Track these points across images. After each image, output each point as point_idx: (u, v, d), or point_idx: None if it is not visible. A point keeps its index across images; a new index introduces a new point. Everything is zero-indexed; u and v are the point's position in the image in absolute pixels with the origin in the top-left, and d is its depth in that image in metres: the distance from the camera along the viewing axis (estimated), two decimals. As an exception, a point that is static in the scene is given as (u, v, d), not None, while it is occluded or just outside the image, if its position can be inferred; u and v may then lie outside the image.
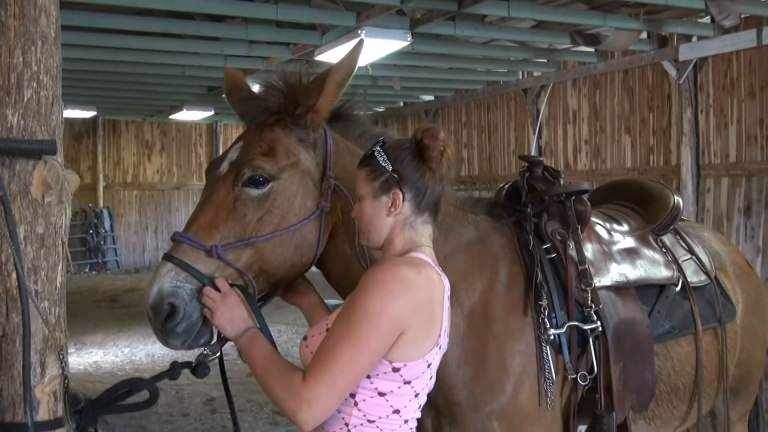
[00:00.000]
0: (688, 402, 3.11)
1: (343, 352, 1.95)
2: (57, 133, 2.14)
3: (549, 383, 2.56)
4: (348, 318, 1.99)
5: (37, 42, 2.09)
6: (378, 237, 2.16)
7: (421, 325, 2.02)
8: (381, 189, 2.12)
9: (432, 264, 2.12)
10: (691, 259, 3.25)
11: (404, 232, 2.14)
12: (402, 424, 2.08)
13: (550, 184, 2.80)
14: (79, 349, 9.92)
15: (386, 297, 1.97)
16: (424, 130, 2.15)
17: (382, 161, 2.13)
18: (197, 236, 2.32)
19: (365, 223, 2.16)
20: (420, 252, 2.13)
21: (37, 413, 2.06)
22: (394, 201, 2.11)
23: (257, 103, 2.52)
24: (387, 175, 2.12)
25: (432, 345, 2.06)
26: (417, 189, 2.13)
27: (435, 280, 2.08)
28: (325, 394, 1.95)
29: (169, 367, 2.36)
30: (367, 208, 2.15)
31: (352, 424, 2.04)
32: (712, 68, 10.05)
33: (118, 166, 20.06)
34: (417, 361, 2.03)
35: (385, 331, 1.96)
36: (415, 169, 2.13)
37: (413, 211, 2.14)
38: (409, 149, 2.15)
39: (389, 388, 2.03)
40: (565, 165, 12.51)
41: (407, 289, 1.99)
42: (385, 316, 1.95)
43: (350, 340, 1.95)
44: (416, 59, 11.14)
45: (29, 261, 2.08)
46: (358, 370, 1.97)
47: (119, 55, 10.22)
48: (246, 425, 6.71)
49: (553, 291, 2.65)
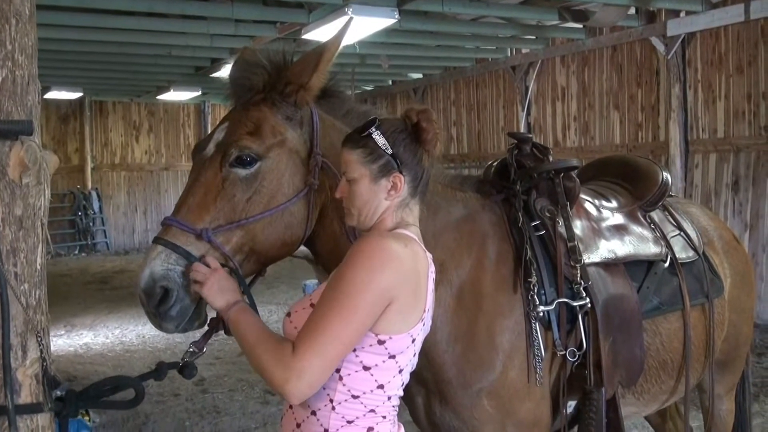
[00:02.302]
0: (676, 377, 3.12)
1: (331, 323, 1.94)
2: (34, 113, 2.09)
3: (538, 360, 2.56)
4: (335, 290, 1.98)
5: (11, 20, 2.04)
6: (371, 219, 2.14)
7: (407, 297, 2.02)
8: (381, 172, 2.10)
9: (417, 241, 2.12)
10: (680, 235, 3.25)
11: (396, 212, 2.14)
12: (386, 401, 2.07)
13: (538, 161, 2.79)
14: (69, 331, 9.91)
15: (373, 268, 1.96)
16: (419, 112, 2.13)
17: (381, 144, 2.10)
18: (187, 219, 2.30)
19: (359, 205, 2.13)
20: (406, 230, 2.12)
21: (19, 396, 2.03)
22: (395, 184, 2.10)
23: (242, 82, 2.49)
24: (387, 158, 2.10)
25: (417, 320, 2.06)
26: (415, 172, 2.13)
27: (420, 254, 2.08)
28: (314, 365, 1.93)
29: (155, 368, 2.33)
30: (363, 191, 2.11)
31: (336, 400, 2.03)
32: (700, 43, 10.03)
33: (105, 148, 19.93)
34: (402, 335, 2.03)
35: (372, 301, 1.95)
36: (413, 153, 2.12)
37: (410, 194, 2.14)
38: (407, 132, 2.13)
39: (374, 362, 2.02)
40: (554, 142, 12.51)
41: (394, 261, 1.98)
42: (373, 286, 1.95)
43: (338, 311, 1.94)
44: (404, 37, 11.08)
45: (8, 243, 2.04)
46: (347, 341, 1.96)
47: (105, 35, 10.11)
48: (237, 404, 6.73)
49: (542, 268, 2.64)
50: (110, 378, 2.21)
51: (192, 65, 13.59)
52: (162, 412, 6.47)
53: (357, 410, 2.03)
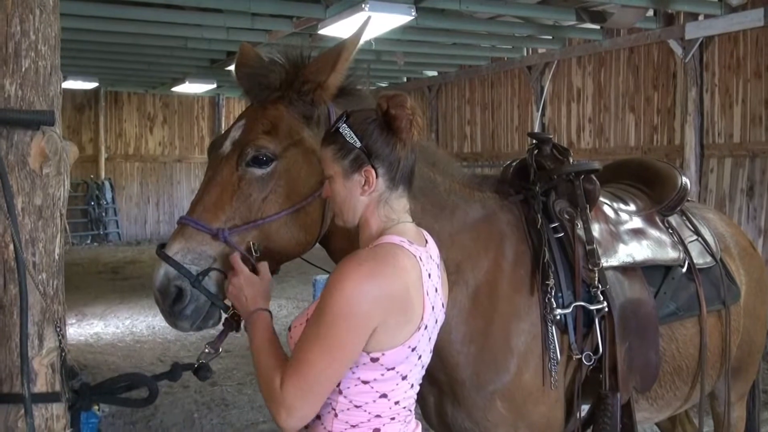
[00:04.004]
0: (690, 383, 3.10)
1: (317, 357, 1.89)
2: (55, 103, 2.10)
3: (553, 363, 2.55)
4: (319, 321, 1.91)
5: (35, 11, 2.04)
6: (353, 217, 2.07)
7: (395, 317, 1.93)
8: (351, 167, 2.01)
9: (405, 245, 2.00)
10: (697, 241, 3.23)
11: (378, 210, 2.05)
12: (392, 406, 2.01)
13: (559, 163, 2.77)
14: (80, 320, 9.95)
15: (354, 298, 1.88)
16: (389, 98, 2.02)
17: (348, 137, 2.01)
18: (202, 218, 2.29)
19: (339, 203, 2.07)
20: (393, 233, 2.03)
21: (34, 385, 2.04)
22: (367, 178, 2.00)
23: (259, 79, 2.47)
24: (356, 151, 2.00)
25: (412, 330, 1.98)
26: (390, 163, 2.02)
27: (407, 266, 1.96)
28: (303, 402, 1.90)
29: (170, 368, 2.33)
30: (339, 189, 2.04)
31: (338, 409, 1.99)
32: (719, 47, 9.96)
33: (119, 138, 20.00)
34: (396, 348, 1.96)
35: (356, 333, 1.89)
36: (385, 143, 2.01)
37: (387, 187, 2.03)
38: (376, 121, 2.03)
39: (372, 377, 1.97)
40: (569, 143, 12.44)
41: (375, 287, 1.90)
42: (354, 317, 1.87)
43: (322, 345, 1.89)
44: (420, 34, 11.04)
45: (27, 233, 2.05)
46: (334, 374, 1.92)
47: (122, 26, 10.13)
48: (245, 398, 6.74)
49: (560, 270, 2.63)
50: (125, 375, 2.21)
51: (207, 58, 13.62)
52: (171, 403, 6.50)
53: (360, 416, 1.99)
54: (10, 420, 2.06)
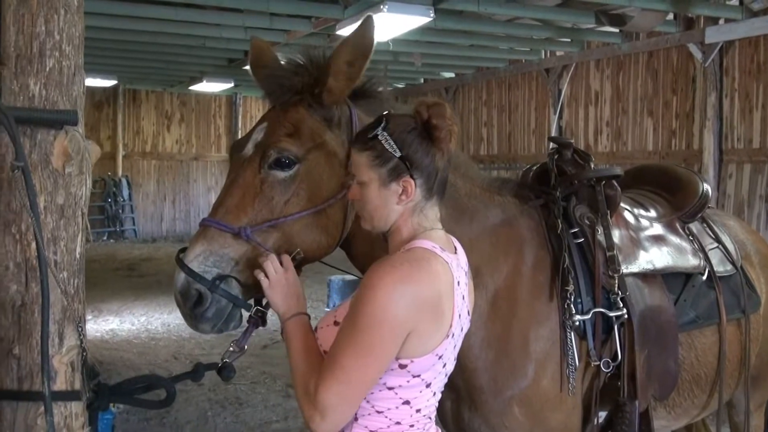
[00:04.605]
0: (708, 392, 3.08)
1: (351, 362, 1.88)
2: (78, 103, 2.11)
3: (572, 369, 2.53)
4: (353, 326, 1.90)
5: (60, 11, 2.06)
6: (384, 224, 2.05)
7: (426, 324, 1.93)
8: (390, 176, 1.98)
9: (437, 251, 1.99)
10: (718, 248, 3.20)
11: (412, 218, 2.03)
12: (413, 413, 2.00)
13: (580, 168, 2.75)
14: (95, 317, 10.00)
15: (388, 302, 1.86)
16: (430, 107, 1.99)
17: (387, 146, 1.97)
18: (225, 220, 2.28)
19: (369, 210, 2.05)
20: (425, 238, 2.01)
21: (54, 383, 2.06)
22: (406, 189, 1.98)
23: (281, 82, 2.45)
24: (395, 161, 1.97)
25: (441, 338, 1.97)
26: (428, 174, 1.99)
27: (439, 272, 1.95)
28: (337, 407, 1.89)
29: (193, 368, 2.34)
30: (373, 196, 2.02)
31: (359, 413, 1.98)
32: (739, 52, 9.89)
33: (137, 136, 20.12)
34: (425, 356, 1.95)
35: (390, 338, 1.88)
36: (425, 153, 1.98)
37: (423, 196, 2.01)
38: (416, 130, 2.00)
39: (398, 383, 1.97)
40: (586, 146, 12.39)
41: (410, 291, 1.88)
42: (388, 322, 1.86)
43: (357, 350, 1.88)
44: (438, 35, 11.04)
45: (49, 231, 2.06)
46: (369, 379, 1.91)
47: (141, 24, 10.21)
48: (259, 397, 6.76)
49: (579, 276, 2.61)
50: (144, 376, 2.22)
51: (225, 57, 13.69)
52: (185, 401, 6.52)
53: (380, 423, 1.99)
54: (30, 417, 2.07)
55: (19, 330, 2.06)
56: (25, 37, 2.02)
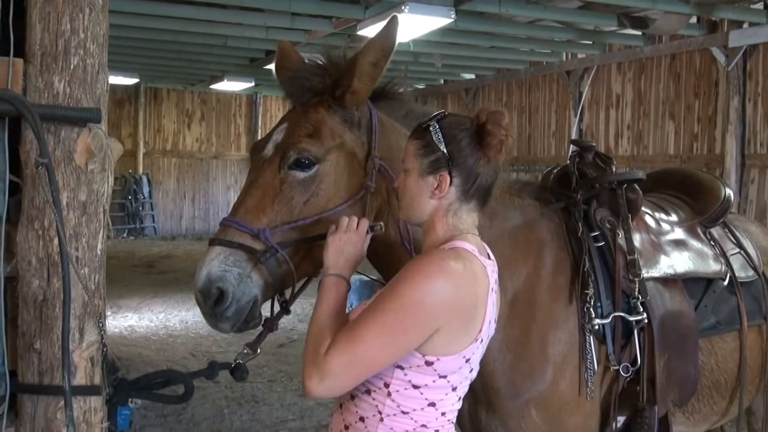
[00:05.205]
0: (728, 398, 3.05)
1: (373, 336, 1.88)
2: (102, 101, 2.14)
3: (590, 373, 2.52)
4: (386, 302, 1.90)
5: (85, 9, 2.08)
6: (418, 216, 2.07)
7: (459, 323, 1.93)
8: (429, 168, 2.00)
9: (476, 254, 2.00)
10: (740, 254, 3.18)
11: (447, 218, 2.03)
12: (439, 417, 2.00)
13: (602, 171, 2.74)
14: (114, 313, 10.08)
15: (429, 290, 1.87)
16: (489, 113, 2.01)
17: (435, 138, 2.00)
18: (245, 220, 2.29)
19: (407, 199, 2.07)
20: (463, 240, 2.02)
21: (74, 378, 2.08)
22: (440, 183, 1.99)
23: (302, 83, 2.46)
24: (438, 154, 2.00)
25: (470, 341, 1.97)
26: (467, 175, 2.01)
27: (479, 274, 1.97)
28: (339, 375, 1.88)
29: (207, 366, 2.35)
30: (412, 185, 2.04)
31: (385, 413, 1.98)
32: (763, 56, 9.79)
33: (158, 134, 20.26)
34: (452, 356, 1.95)
35: (421, 323, 1.88)
36: (471, 154, 2.00)
37: (458, 197, 2.02)
38: (468, 131, 2.02)
39: (423, 382, 1.96)
40: (606, 149, 12.29)
41: (452, 285, 1.89)
42: (425, 309, 1.87)
43: (381, 326, 1.88)
44: (459, 36, 11.01)
45: (71, 227, 2.09)
46: (379, 360, 1.90)
47: (163, 23, 10.26)
48: (275, 395, 6.78)
49: (599, 280, 2.59)
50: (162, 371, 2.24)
51: (246, 56, 13.72)
52: (202, 398, 6.55)
53: (406, 424, 1.98)
54: (50, 411, 2.09)
55: (41, 325, 2.09)
56: (51, 35, 2.04)
